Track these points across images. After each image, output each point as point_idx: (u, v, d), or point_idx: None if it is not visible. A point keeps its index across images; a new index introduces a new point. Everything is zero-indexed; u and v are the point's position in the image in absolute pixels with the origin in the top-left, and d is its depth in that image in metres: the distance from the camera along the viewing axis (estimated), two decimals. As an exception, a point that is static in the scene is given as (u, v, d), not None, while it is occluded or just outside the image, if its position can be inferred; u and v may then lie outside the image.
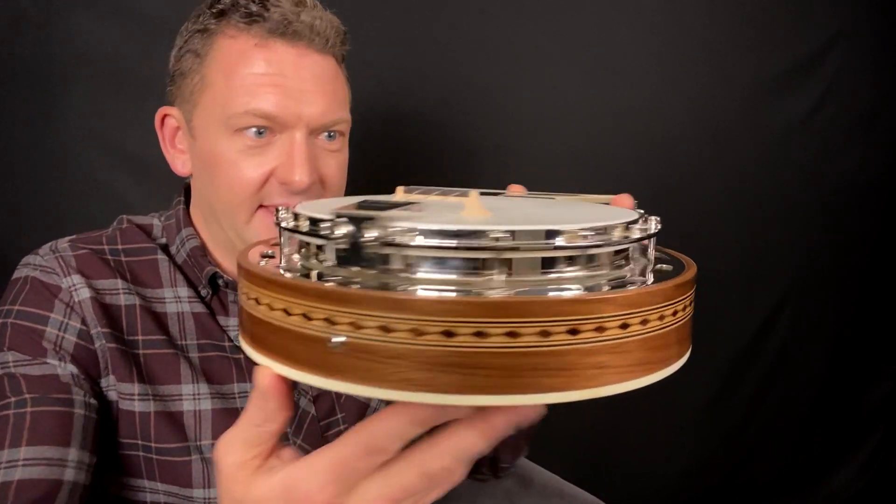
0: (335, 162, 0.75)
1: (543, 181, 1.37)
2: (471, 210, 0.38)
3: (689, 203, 1.45)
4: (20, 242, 1.12)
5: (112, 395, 0.70)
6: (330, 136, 0.74)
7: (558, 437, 1.30)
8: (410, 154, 1.33)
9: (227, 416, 0.73)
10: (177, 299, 0.75)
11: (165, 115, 0.78)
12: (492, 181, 0.61)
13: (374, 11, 1.25)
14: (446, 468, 0.35)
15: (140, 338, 0.72)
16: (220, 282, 0.76)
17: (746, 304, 1.57)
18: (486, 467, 0.77)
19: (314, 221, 0.36)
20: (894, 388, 1.75)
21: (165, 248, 0.78)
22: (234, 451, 0.38)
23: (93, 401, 0.68)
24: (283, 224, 0.38)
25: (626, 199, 0.53)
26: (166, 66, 0.78)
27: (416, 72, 1.30)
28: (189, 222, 0.79)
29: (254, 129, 0.70)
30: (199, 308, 0.75)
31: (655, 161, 1.42)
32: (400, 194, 0.47)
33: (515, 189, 0.58)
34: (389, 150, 1.32)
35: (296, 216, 0.37)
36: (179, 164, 0.78)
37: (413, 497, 0.35)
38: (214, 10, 0.72)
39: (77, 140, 1.16)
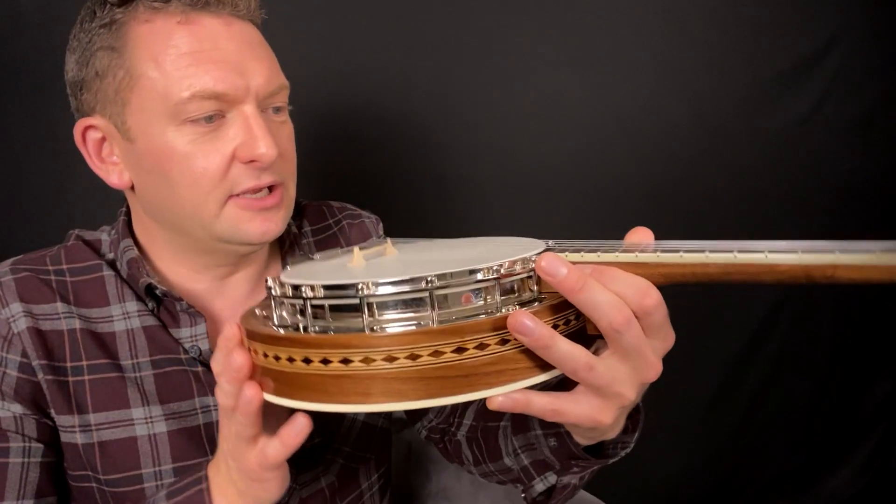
0: (286, 133, 0.72)
1: (543, 182, 1.37)
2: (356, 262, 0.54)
3: (689, 203, 1.45)
4: (21, 242, 1.12)
5: (58, 427, 0.68)
6: (276, 111, 0.70)
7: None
8: (407, 156, 1.33)
9: (186, 436, 0.70)
10: (125, 315, 0.71)
11: (87, 128, 0.69)
12: (490, 182, 0.61)
13: (370, 13, 1.25)
14: None
15: (84, 363, 0.69)
16: (158, 292, 0.71)
17: (746, 304, 1.57)
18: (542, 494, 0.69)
19: (296, 287, 0.47)
20: (894, 388, 1.75)
21: (113, 263, 0.74)
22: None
23: (35, 444, 0.66)
24: (274, 291, 0.49)
25: (645, 232, 0.49)
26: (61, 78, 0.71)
27: (413, 73, 1.30)
28: (128, 233, 0.74)
29: (203, 118, 0.64)
30: (150, 321, 0.71)
31: (656, 161, 1.42)
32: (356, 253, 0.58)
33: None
34: (387, 151, 1.32)
35: (282, 284, 0.48)
36: (115, 177, 0.70)
37: None
38: (114, 0, 0.65)
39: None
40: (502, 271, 0.45)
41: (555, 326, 0.44)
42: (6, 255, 0.73)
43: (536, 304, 0.45)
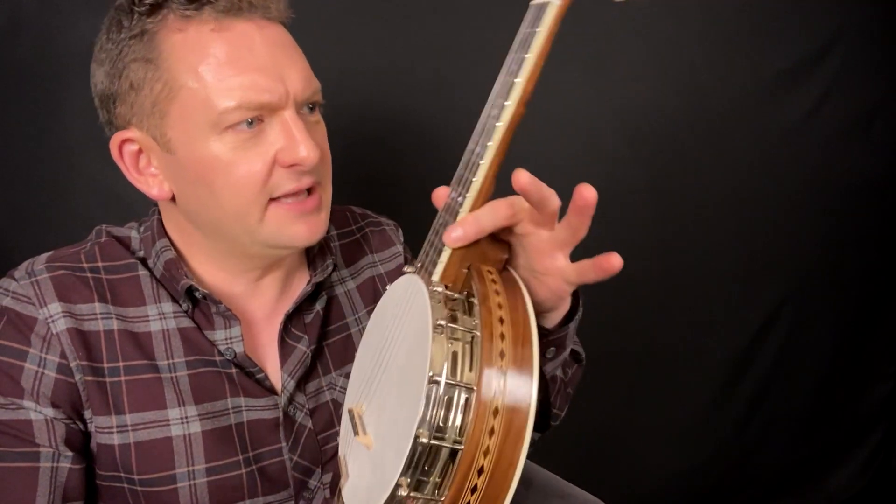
0: (321, 133, 0.73)
1: (545, 181, 1.37)
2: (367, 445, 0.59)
3: (689, 203, 1.45)
4: (21, 242, 1.12)
5: (91, 428, 0.68)
6: (311, 109, 0.70)
7: (558, 437, 1.30)
8: (406, 155, 1.33)
9: (219, 435, 0.71)
10: (161, 316, 0.72)
11: (124, 142, 0.69)
12: (497, 182, 0.62)
13: (369, 12, 1.25)
14: None
15: (121, 364, 0.69)
16: (198, 294, 0.72)
17: (746, 304, 1.57)
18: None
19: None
20: (894, 388, 1.75)
21: (145, 262, 0.74)
22: None
23: (65, 449, 0.66)
24: None
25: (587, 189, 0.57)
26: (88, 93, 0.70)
27: (412, 73, 1.30)
28: (163, 233, 0.74)
29: (244, 123, 0.65)
30: (186, 323, 0.72)
31: (655, 161, 1.42)
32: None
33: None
34: (387, 151, 1.32)
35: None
36: (155, 189, 0.71)
37: None
38: (142, 9, 0.64)
39: (77, 140, 1.16)
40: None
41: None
42: (7, 255, 0.73)
43: (469, 302, 0.55)
